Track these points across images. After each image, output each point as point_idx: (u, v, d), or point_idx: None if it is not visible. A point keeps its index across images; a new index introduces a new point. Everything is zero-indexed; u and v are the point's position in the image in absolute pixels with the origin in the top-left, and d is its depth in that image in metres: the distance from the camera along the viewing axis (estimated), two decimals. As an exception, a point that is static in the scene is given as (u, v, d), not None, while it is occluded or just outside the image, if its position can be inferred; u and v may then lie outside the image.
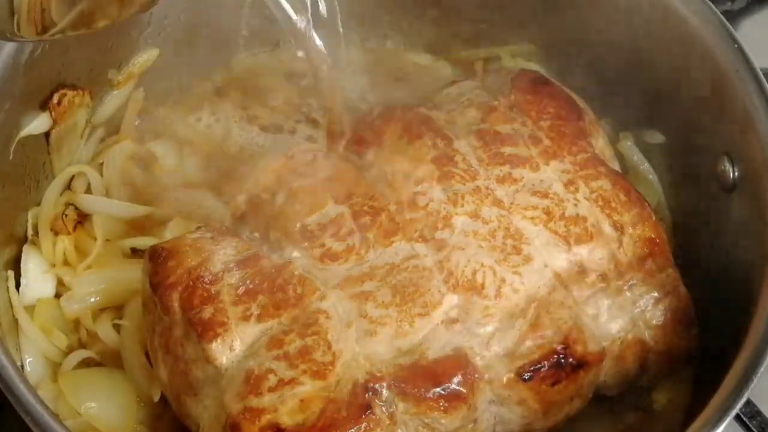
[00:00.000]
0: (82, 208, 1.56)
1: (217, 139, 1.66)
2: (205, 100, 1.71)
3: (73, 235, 1.53)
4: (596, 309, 1.35)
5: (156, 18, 1.62)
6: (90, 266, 1.49)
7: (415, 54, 1.79)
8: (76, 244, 1.53)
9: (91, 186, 1.59)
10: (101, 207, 1.57)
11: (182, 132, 1.68)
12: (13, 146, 1.45)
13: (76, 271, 1.50)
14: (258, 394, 1.21)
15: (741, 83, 1.45)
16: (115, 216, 1.57)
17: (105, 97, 1.63)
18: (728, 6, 1.93)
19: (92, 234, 1.53)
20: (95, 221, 1.54)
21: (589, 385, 1.35)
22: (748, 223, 1.43)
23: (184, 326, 1.29)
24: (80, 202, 1.57)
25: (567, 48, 1.72)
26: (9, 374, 1.23)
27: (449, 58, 1.79)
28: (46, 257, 1.51)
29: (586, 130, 1.46)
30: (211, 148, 1.66)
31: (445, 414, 1.25)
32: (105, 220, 1.55)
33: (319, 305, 1.28)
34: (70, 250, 1.52)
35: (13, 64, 1.40)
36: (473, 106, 1.48)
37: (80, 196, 1.58)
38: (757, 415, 1.35)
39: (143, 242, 1.53)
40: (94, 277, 1.49)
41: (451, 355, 1.26)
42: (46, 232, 1.52)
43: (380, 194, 1.38)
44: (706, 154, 1.52)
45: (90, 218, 1.55)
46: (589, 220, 1.37)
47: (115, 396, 1.41)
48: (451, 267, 1.31)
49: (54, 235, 1.53)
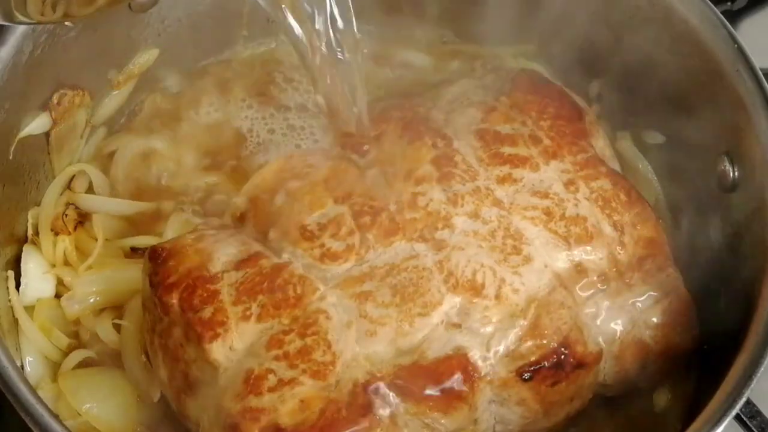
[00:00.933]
0: (82, 207, 1.56)
1: (219, 132, 1.66)
2: (205, 94, 1.70)
3: (73, 235, 1.53)
4: (596, 309, 1.35)
5: (156, 18, 1.62)
6: (90, 266, 1.49)
7: (414, 52, 1.79)
8: (77, 244, 1.53)
9: (93, 184, 1.59)
10: (102, 206, 1.57)
11: (184, 126, 1.67)
12: (13, 146, 1.46)
13: (76, 271, 1.50)
14: (258, 394, 1.21)
15: (741, 83, 1.45)
16: (117, 214, 1.57)
17: (105, 97, 1.63)
18: (728, 6, 1.92)
19: (92, 234, 1.53)
20: (95, 221, 1.54)
21: (589, 386, 1.35)
22: (748, 223, 1.43)
23: (183, 326, 1.29)
24: (81, 201, 1.57)
25: (567, 48, 1.72)
26: (9, 374, 1.23)
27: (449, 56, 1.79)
28: (46, 257, 1.51)
29: (587, 130, 1.46)
30: (212, 141, 1.65)
31: (445, 414, 1.25)
32: (105, 219, 1.55)
33: (319, 305, 1.28)
34: (70, 250, 1.51)
35: (13, 64, 1.40)
36: (473, 105, 1.48)
37: (80, 196, 1.58)
38: (757, 415, 1.34)
39: (144, 241, 1.53)
40: (95, 277, 1.48)
41: (451, 355, 1.26)
42: (46, 232, 1.52)
43: (380, 194, 1.38)
44: (706, 154, 1.52)
45: (90, 218, 1.55)
46: (590, 220, 1.37)
47: (115, 396, 1.41)
48: (451, 267, 1.31)
49: (54, 235, 1.53)
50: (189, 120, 1.68)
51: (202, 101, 1.69)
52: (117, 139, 1.65)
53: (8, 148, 1.45)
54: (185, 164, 1.63)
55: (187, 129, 1.67)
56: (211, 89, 1.71)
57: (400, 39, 1.79)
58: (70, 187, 1.59)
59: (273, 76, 1.72)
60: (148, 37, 1.64)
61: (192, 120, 1.68)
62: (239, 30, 1.76)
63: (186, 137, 1.66)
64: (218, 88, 1.71)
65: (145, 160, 1.63)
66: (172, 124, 1.67)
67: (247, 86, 1.71)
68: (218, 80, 1.73)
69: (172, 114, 1.69)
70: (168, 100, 1.71)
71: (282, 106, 1.68)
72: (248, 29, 1.76)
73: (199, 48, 1.73)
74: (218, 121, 1.67)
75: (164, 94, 1.71)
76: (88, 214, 1.56)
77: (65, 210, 1.55)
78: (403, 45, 1.78)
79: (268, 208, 1.40)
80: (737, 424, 1.35)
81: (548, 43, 1.74)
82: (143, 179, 1.61)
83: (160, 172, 1.62)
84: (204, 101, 1.69)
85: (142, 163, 1.63)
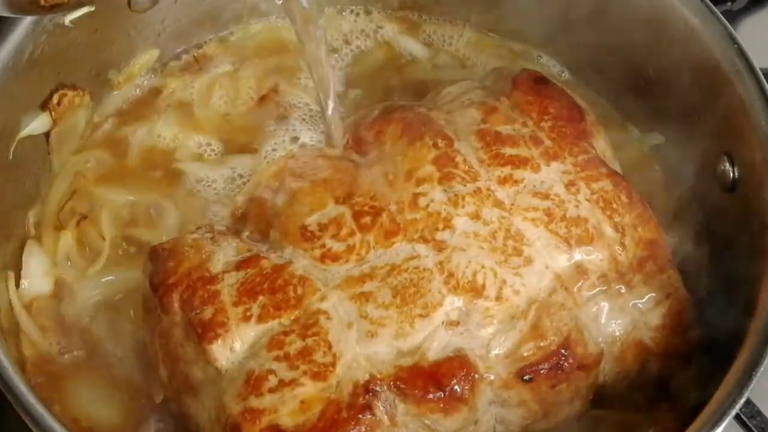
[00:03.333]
0: (93, 197, 1.56)
1: (223, 116, 1.65)
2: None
3: (76, 230, 1.53)
4: (597, 310, 1.35)
5: (156, 18, 1.62)
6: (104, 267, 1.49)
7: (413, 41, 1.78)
8: (79, 239, 1.52)
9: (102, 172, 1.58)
10: (114, 195, 1.56)
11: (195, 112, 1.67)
12: (13, 146, 1.45)
13: (78, 269, 1.50)
14: (258, 395, 1.22)
15: (741, 83, 1.45)
16: (126, 202, 1.56)
17: (105, 97, 1.63)
18: (728, 6, 1.92)
19: (96, 230, 1.53)
20: (104, 217, 1.53)
21: (589, 387, 1.35)
22: (748, 223, 1.43)
23: (184, 327, 1.29)
24: (91, 190, 1.56)
25: (566, 48, 1.72)
26: (9, 374, 1.23)
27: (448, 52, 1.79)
28: (48, 253, 1.51)
29: (588, 130, 1.46)
30: (218, 124, 1.65)
31: (445, 415, 1.25)
32: (112, 210, 1.54)
33: (320, 306, 1.28)
34: (72, 246, 1.51)
35: (13, 64, 1.40)
36: (474, 106, 1.47)
37: (92, 185, 1.57)
38: (757, 415, 1.34)
39: (147, 235, 1.53)
40: (97, 282, 1.48)
41: (452, 356, 1.27)
42: (49, 228, 1.52)
43: (381, 194, 1.38)
44: (706, 154, 1.52)
45: (92, 215, 1.55)
46: (590, 221, 1.37)
47: (114, 396, 1.41)
48: (452, 268, 1.31)
49: (57, 231, 1.52)
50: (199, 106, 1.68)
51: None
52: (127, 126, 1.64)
53: (8, 148, 1.45)
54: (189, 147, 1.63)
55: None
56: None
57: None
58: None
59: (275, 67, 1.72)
60: (148, 37, 1.64)
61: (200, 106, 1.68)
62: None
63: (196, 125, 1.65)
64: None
65: (157, 146, 1.62)
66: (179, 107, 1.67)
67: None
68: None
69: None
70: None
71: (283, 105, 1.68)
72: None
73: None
74: (224, 102, 1.67)
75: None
76: (91, 211, 1.55)
77: (69, 205, 1.54)
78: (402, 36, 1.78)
79: (269, 208, 1.40)
80: (737, 424, 1.35)
81: (547, 43, 1.74)
82: (153, 167, 1.61)
83: (166, 159, 1.61)
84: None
85: (152, 152, 1.62)
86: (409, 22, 1.79)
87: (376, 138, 1.44)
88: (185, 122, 1.64)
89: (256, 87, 1.67)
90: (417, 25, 1.78)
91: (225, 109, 1.66)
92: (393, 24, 1.78)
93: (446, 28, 1.78)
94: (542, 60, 1.75)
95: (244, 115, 1.65)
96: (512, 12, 1.72)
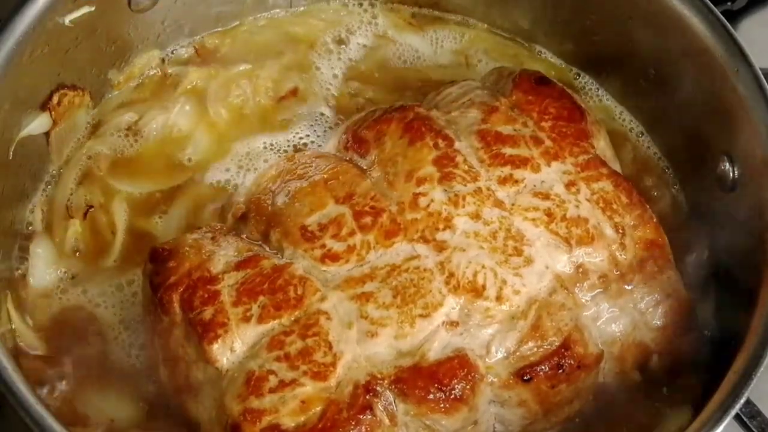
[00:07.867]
0: (104, 187, 1.55)
1: (236, 114, 1.65)
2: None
3: (85, 221, 1.53)
4: (597, 310, 1.35)
5: (156, 18, 1.62)
6: (115, 260, 1.50)
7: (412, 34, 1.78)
8: (89, 228, 1.52)
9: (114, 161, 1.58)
10: (125, 186, 1.56)
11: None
12: (13, 146, 1.45)
13: (86, 261, 1.50)
14: (259, 396, 1.22)
15: (741, 83, 1.45)
16: (144, 191, 1.56)
17: (105, 97, 1.63)
18: (728, 6, 1.92)
19: (105, 221, 1.53)
20: (116, 208, 1.53)
21: (589, 387, 1.35)
22: (748, 223, 1.43)
23: (184, 327, 1.29)
24: (103, 180, 1.56)
25: (565, 48, 1.72)
26: (9, 374, 1.23)
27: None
28: (57, 244, 1.50)
29: (588, 130, 1.46)
30: (230, 121, 1.65)
31: (445, 415, 1.26)
32: (124, 200, 1.54)
33: (320, 306, 1.28)
34: (80, 234, 1.51)
35: (13, 64, 1.40)
36: (474, 106, 1.47)
37: (105, 175, 1.57)
38: (757, 415, 1.34)
39: (153, 225, 1.53)
40: (105, 270, 1.49)
41: (452, 356, 1.27)
42: (59, 218, 1.52)
43: (381, 195, 1.38)
44: (706, 154, 1.52)
45: (101, 205, 1.54)
46: (591, 221, 1.37)
47: (115, 396, 1.41)
48: (452, 268, 1.31)
49: (66, 220, 1.52)
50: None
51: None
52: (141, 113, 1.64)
53: (8, 148, 1.45)
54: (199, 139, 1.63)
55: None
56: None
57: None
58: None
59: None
60: (148, 37, 1.64)
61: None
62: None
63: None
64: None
65: (171, 136, 1.62)
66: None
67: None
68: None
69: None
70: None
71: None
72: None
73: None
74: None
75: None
76: (101, 200, 1.55)
77: (78, 196, 1.54)
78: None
79: (269, 208, 1.40)
80: (737, 424, 1.35)
81: (547, 42, 1.74)
82: (170, 156, 1.60)
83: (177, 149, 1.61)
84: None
85: (167, 139, 1.62)
86: (414, 19, 1.78)
87: (376, 138, 1.44)
88: (199, 117, 1.64)
89: (274, 87, 1.67)
90: (422, 22, 1.78)
91: (239, 107, 1.65)
92: (398, 20, 1.77)
93: (450, 25, 1.77)
94: (546, 56, 1.74)
95: (256, 113, 1.65)
96: (516, 10, 1.72)
